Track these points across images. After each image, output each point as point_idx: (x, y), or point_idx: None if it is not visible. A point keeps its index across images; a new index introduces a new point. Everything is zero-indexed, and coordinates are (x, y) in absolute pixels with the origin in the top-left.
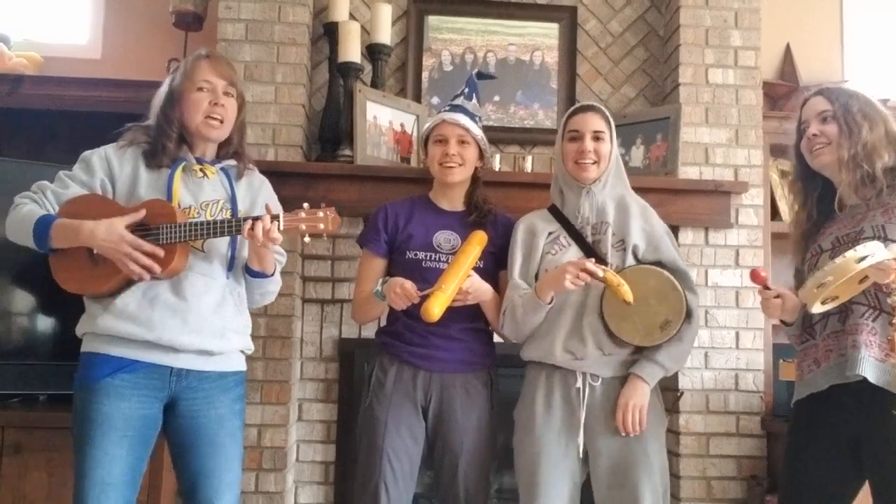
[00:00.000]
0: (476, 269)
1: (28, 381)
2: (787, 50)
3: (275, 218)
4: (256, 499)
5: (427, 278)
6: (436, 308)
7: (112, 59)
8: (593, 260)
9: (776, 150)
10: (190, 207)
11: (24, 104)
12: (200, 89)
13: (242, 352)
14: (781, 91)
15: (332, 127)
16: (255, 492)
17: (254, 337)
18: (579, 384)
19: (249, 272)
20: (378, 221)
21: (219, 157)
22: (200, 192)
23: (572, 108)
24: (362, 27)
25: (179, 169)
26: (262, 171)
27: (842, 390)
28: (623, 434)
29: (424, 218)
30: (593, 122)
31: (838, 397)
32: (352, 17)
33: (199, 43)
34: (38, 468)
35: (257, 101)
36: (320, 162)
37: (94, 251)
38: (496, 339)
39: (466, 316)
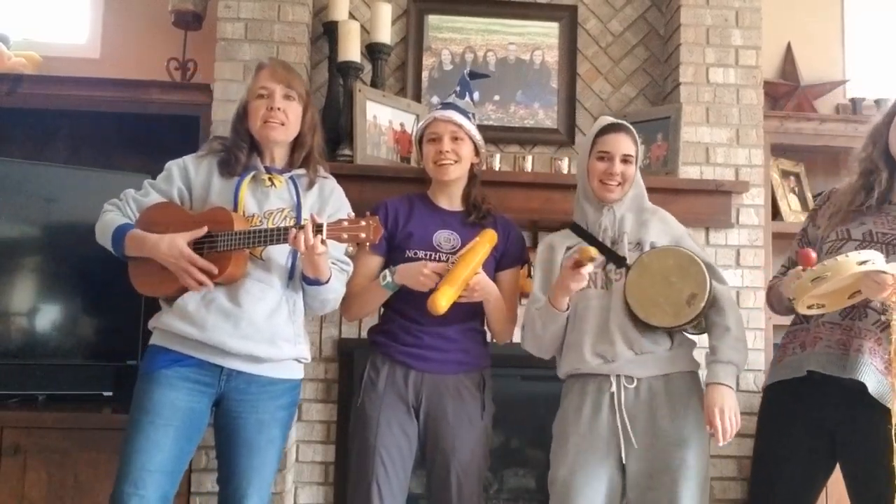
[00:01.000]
0: None
1: (27, 382)
2: (788, 49)
3: (318, 228)
4: None
5: None
6: (443, 301)
7: (111, 58)
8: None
9: (777, 150)
10: (254, 215)
11: (24, 104)
12: (260, 97)
13: (298, 360)
14: (782, 90)
15: (332, 126)
16: None
17: None
18: (613, 389)
19: (305, 280)
20: (378, 219)
21: (292, 161)
22: (266, 200)
23: (603, 126)
24: (362, 26)
25: (248, 178)
26: None
27: (819, 381)
28: (721, 444)
29: (424, 216)
30: (624, 146)
31: (814, 389)
32: (351, 16)
33: (199, 42)
34: (37, 468)
35: None
36: None
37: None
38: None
39: (463, 316)
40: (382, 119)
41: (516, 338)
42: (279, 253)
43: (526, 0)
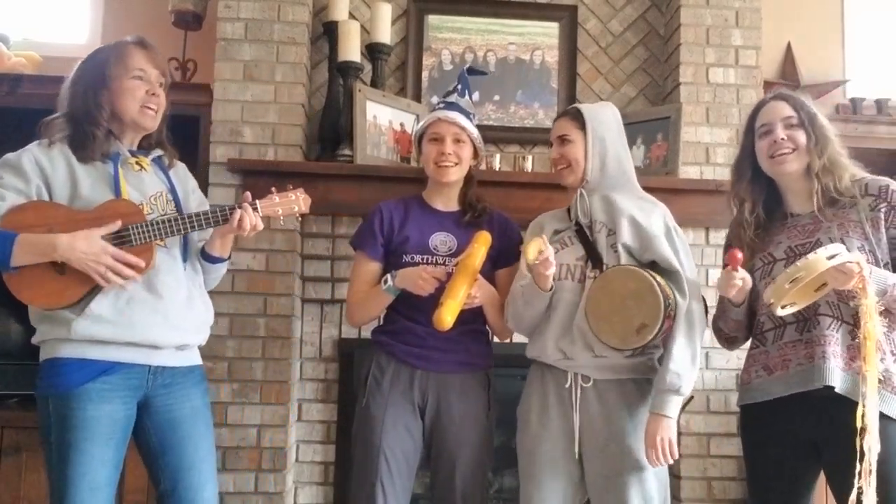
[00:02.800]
0: None
1: (27, 382)
2: (788, 49)
3: (253, 206)
4: (256, 499)
5: None
6: (448, 316)
7: None
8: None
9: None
10: (141, 203)
11: (24, 104)
12: (137, 77)
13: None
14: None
15: (332, 126)
16: (254, 492)
17: (254, 337)
18: (569, 384)
19: (209, 259)
20: (374, 224)
21: (141, 147)
22: (143, 185)
23: None
24: (362, 26)
25: (120, 164)
26: (263, 171)
27: (798, 396)
28: (657, 466)
29: (419, 219)
30: (559, 127)
31: (794, 403)
32: (351, 16)
33: (199, 42)
34: (37, 468)
35: (257, 101)
36: (320, 161)
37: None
38: (494, 339)
39: (465, 317)
40: (382, 119)
41: (518, 336)
42: (174, 237)
43: (526, 0)
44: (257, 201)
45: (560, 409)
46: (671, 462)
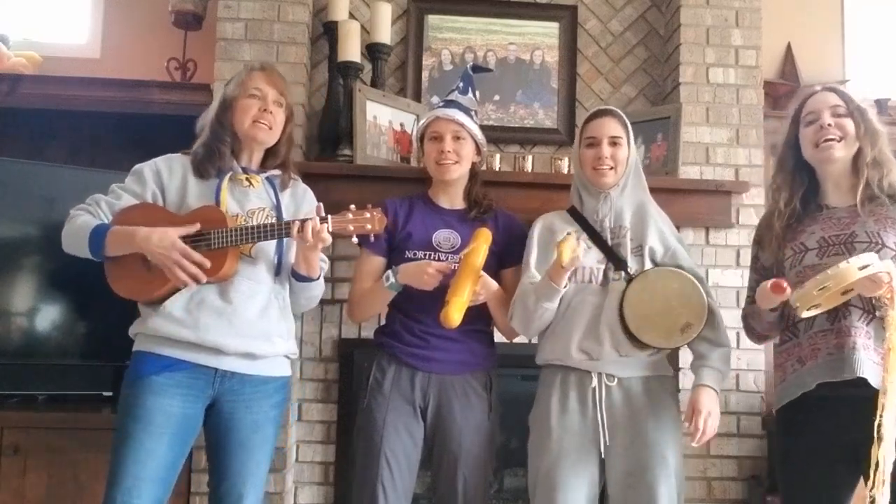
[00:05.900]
0: None
1: (27, 382)
2: (788, 49)
3: (323, 220)
4: None
5: None
6: (456, 314)
7: (111, 58)
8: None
9: (777, 150)
10: (237, 215)
11: (24, 104)
12: (252, 96)
13: (287, 357)
14: (782, 90)
15: (332, 126)
16: None
17: None
18: (595, 384)
19: (296, 276)
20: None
21: (265, 167)
22: (246, 200)
23: (590, 113)
24: (362, 26)
25: (227, 178)
26: None
27: (832, 393)
28: (694, 443)
29: (424, 216)
30: (609, 128)
31: (830, 403)
32: (351, 16)
33: (199, 42)
34: (37, 468)
35: None
36: (320, 161)
37: (148, 258)
38: (498, 338)
39: (470, 317)
40: (382, 119)
41: (521, 336)
42: (267, 249)
43: (526, 0)
44: (329, 216)
45: (581, 410)
46: (710, 436)
